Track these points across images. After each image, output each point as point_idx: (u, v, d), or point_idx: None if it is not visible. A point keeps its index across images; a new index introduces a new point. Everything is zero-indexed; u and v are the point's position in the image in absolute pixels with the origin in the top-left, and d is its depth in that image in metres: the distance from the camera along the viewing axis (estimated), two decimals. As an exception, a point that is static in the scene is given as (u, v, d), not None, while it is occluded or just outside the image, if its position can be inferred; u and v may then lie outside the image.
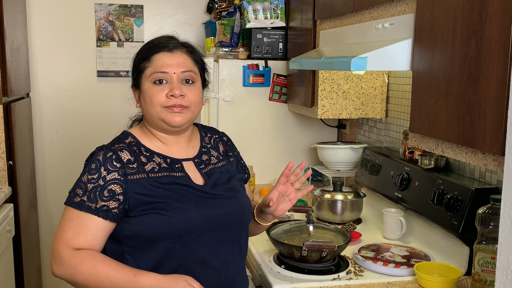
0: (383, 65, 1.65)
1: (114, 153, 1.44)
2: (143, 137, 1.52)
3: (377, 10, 1.88)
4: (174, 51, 1.50)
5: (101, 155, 1.43)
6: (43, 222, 3.53)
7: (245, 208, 1.56)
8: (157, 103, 1.46)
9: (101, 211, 1.39)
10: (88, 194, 1.39)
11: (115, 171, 1.41)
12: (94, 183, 1.40)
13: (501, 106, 1.19)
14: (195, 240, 1.43)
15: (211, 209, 1.47)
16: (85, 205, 1.38)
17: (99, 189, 1.39)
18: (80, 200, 1.39)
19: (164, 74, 1.46)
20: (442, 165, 2.06)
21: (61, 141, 3.48)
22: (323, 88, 2.49)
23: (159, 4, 3.56)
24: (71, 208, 1.40)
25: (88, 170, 1.42)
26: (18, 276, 2.88)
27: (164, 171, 1.46)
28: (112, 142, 1.50)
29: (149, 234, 1.40)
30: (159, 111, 1.46)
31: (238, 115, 2.96)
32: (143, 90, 1.49)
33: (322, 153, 2.76)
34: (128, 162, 1.44)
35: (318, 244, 1.74)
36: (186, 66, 1.49)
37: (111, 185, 1.40)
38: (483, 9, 1.25)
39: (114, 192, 1.39)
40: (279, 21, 2.89)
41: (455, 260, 1.84)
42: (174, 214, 1.40)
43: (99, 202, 1.38)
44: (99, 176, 1.40)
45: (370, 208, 2.48)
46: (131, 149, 1.47)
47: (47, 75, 3.45)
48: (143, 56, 1.51)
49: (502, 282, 1.07)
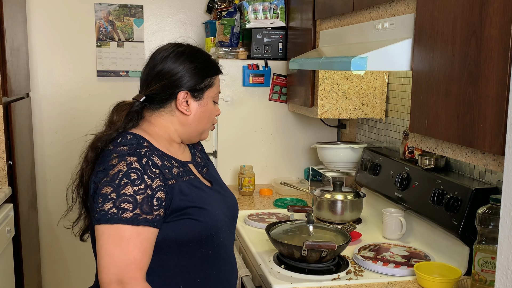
0: (383, 65, 1.65)
1: (148, 158, 1.36)
2: (153, 141, 1.45)
3: (377, 10, 1.88)
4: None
5: (136, 163, 1.33)
6: (43, 222, 3.53)
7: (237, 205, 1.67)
8: (212, 121, 1.55)
9: (156, 221, 1.32)
10: (141, 207, 1.30)
11: (157, 177, 1.35)
12: (143, 193, 1.31)
13: (501, 106, 1.19)
14: (222, 241, 1.47)
15: (226, 208, 1.53)
16: (142, 219, 1.29)
17: (149, 199, 1.31)
18: (133, 215, 1.29)
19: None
20: (442, 165, 2.06)
21: (61, 141, 3.48)
22: (323, 88, 2.49)
23: (159, 4, 3.56)
24: (125, 226, 1.28)
25: (131, 182, 1.30)
26: (18, 276, 2.88)
27: (186, 175, 1.45)
28: (131, 146, 1.39)
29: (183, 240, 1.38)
30: (207, 128, 1.55)
31: (238, 115, 2.96)
32: (205, 105, 1.51)
33: (322, 153, 2.76)
34: (163, 167, 1.39)
35: (318, 244, 1.74)
36: None
37: (157, 192, 1.33)
38: (483, 9, 1.25)
39: (161, 199, 1.34)
40: (279, 21, 2.89)
41: (455, 260, 1.84)
42: (206, 217, 1.42)
43: (153, 212, 1.32)
44: (146, 185, 1.32)
45: (370, 208, 2.48)
46: (155, 153, 1.41)
47: (47, 75, 3.46)
48: (214, 72, 1.53)
49: (502, 282, 1.07)
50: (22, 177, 3.03)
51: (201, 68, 1.49)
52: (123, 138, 1.41)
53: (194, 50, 1.52)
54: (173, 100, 1.47)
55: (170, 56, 1.47)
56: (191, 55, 1.50)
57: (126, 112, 1.46)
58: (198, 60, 1.50)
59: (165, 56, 1.47)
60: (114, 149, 1.38)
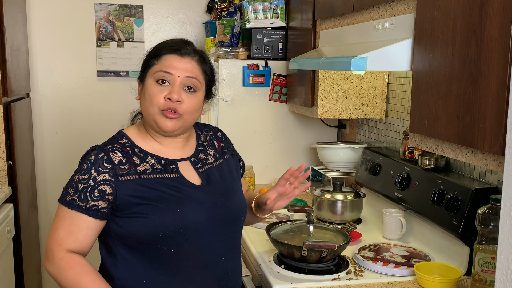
0: (383, 65, 1.65)
1: (106, 154, 1.44)
2: (138, 138, 1.51)
3: (377, 10, 1.88)
4: (185, 56, 1.48)
5: (93, 156, 1.44)
6: (43, 222, 3.53)
7: (242, 210, 1.56)
8: (156, 103, 1.44)
9: (91, 210, 1.40)
10: (79, 194, 1.40)
11: (106, 172, 1.41)
12: (84, 183, 1.41)
13: (501, 106, 1.19)
14: (191, 243, 1.42)
15: (208, 211, 1.46)
16: (76, 204, 1.40)
17: (90, 189, 1.40)
18: (71, 199, 1.41)
19: (168, 74, 1.45)
20: (442, 165, 2.06)
21: (61, 141, 3.48)
22: (323, 88, 2.49)
23: (159, 4, 3.56)
24: (63, 207, 1.42)
25: (80, 170, 1.43)
26: (18, 276, 2.88)
27: (157, 173, 1.46)
28: (106, 142, 1.50)
29: (140, 237, 1.40)
30: (155, 112, 1.45)
31: (238, 115, 2.96)
32: (145, 85, 1.48)
33: (322, 153, 2.76)
34: (120, 163, 1.43)
35: (318, 244, 1.74)
36: (192, 72, 1.48)
37: (101, 185, 1.40)
38: (483, 9, 1.25)
39: (104, 192, 1.40)
40: (279, 21, 2.89)
41: (455, 260, 1.84)
42: (164, 216, 1.39)
43: (89, 201, 1.40)
44: (90, 176, 1.41)
45: (370, 208, 2.48)
46: (124, 150, 1.46)
47: (47, 75, 3.46)
48: (155, 52, 1.50)
49: (502, 282, 1.07)
50: (22, 177, 3.03)
51: (147, 54, 1.53)
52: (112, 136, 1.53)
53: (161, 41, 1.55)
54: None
55: None
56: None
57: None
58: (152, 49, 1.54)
59: None
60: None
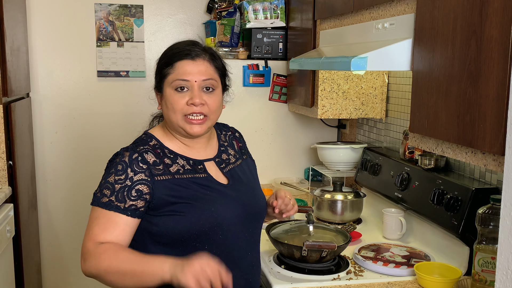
0: (383, 65, 1.65)
1: (140, 154, 1.46)
2: (165, 139, 1.55)
3: (377, 10, 1.88)
4: (196, 59, 1.52)
5: (126, 157, 1.46)
6: (43, 222, 3.53)
7: (264, 207, 1.64)
8: (178, 110, 1.49)
9: (130, 210, 1.41)
10: (116, 194, 1.41)
11: (142, 172, 1.44)
12: (121, 183, 1.42)
13: (501, 106, 1.19)
14: (224, 240, 1.48)
15: (237, 209, 1.52)
16: (114, 205, 1.41)
17: (127, 189, 1.42)
18: (108, 200, 1.41)
19: (185, 82, 1.49)
20: (442, 165, 2.06)
21: (61, 141, 3.48)
22: (323, 88, 2.49)
23: (159, 4, 3.56)
24: (99, 208, 1.42)
25: (115, 171, 1.44)
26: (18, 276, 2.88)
27: (188, 173, 1.50)
28: (135, 143, 1.52)
29: (176, 234, 1.44)
30: (179, 119, 1.49)
31: (238, 115, 2.96)
32: (165, 96, 1.52)
33: (322, 153, 2.76)
34: (154, 164, 1.47)
35: (318, 244, 1.74)
36: (207, 74, 1.52)
37: (138, 185, 1.42)
38: (483, 9, 1.25)
39: (142, 192, 1.42)
40: (279, 21, 2.89)
41: (455, 260, 1.84)
42: (201, 214, 1.44)
43: (127, 201, 1.41)
44: (126, 177, 1.43)
45: (370, 208, 2.48)
46: (155, 152, 1.50)
47: (47, 75, 3.45)
48: (167, 61, 1.53)
49: (502, 282, 1.07)
50: (22, 177, 3.03)
51: (159, 64, 1.56)
52: (140, 137, 1.56)
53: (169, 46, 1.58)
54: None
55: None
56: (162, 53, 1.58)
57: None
58: (163, 54, 1.57)
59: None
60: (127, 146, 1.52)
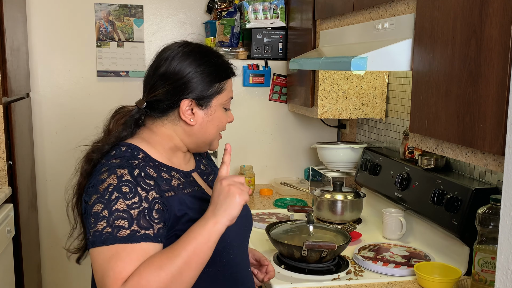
0: (383, 65, 1.65)
1: (141, 170, 1.22)
2: (152, 150, 1.31)
3: (377, 10, 1.88)
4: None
5: (127, 175, 1.19)
6: (43, 222, 3.53)
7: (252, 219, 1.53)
8: (222, 129, 1.38)
9: (159, 235, 1.17)
10: (137, 222, 1.14)
11: (152, 189, 1.20)
12: (137, 207, 1.16)
13: (501, 106, 1.19)
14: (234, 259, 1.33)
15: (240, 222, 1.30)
16: (141, 235, 1.13)
17: (147, 212, 1.16)
18: (130, 232, 1.13)
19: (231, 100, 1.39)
20: (442, 165, 2.06)
21: (61, 141, 3.48)
22: (323, 88, 2.49)
23: (159, 4, 3.56)
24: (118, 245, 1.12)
25: (122, 195, 1.16)
26: (18, 276, 2.88)
27: (187, 187, 1.31)
28: (123, 158, 1.25)
29: None
30: (215, 136, 1.38)
31: (238, 115, 2.94)
32: (212, 113, 1.34)
33: (322, 153, 2.76)
34: (159, 179, 1.24)
35: (318, 244, 1.74)
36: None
37: (155, 204, 1.19)
38: (483, 9, 1.25)
39: (161, 211, 1.20)
40: (279, 21, 2.89)
41: (455, 260, 1.84)
42: None
43: (154, 226, 1.16)
44: (140, 198, 1.17)
45: (370, 208, 2.48)
46: (150, 165, 1.26)
47: (47, 75, 3.45)
48: (224, 76, 1.35)
49: (502, 282, 1.07)
50: (22, 177, 3.03)
51: (209, 72, 1.32)
52: (117, 150, 1.28)
53: (204, 50, 1.35)
54: (177, 109, 1.31)
55: (175, 57, 1.31)
56: (199, 56, 1.32)
57: (124, 119, 1.33)
58: (207, 62, 1.32)
59: (171, 57, 1.31)
60: (105, 163, 1.25)
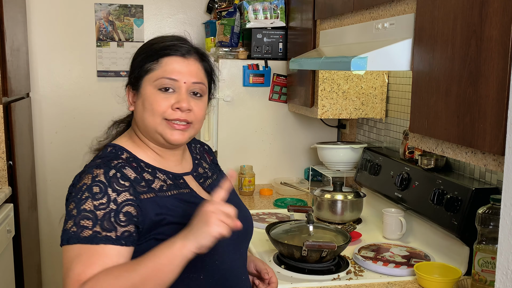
0: (383, 65, 1.65)
1: (118, 170, 1.20)
2: (137, 150, 1.31)
3: (377, 10, 1.88)
4: (187, 57, 1.30)
5: (101, 175, 1.18)
6: (43, 222, 3.53)
7: (252, 223, 1.47)
8: (159, 113, 1.26)
9: (123, 238, 1.14)
10: (101, 223, 1.13)
11: (125, 191, 1.18)
12: (104, 209, 1.15)
13: (501, 106, 1.19)
14: (220, 265, 1.28)
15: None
16: (102, 237, 1.13)
17: (113, 214, 1.15)
18: (92, 232, 1.13)
19: (173, 81, 1.27)
20: (442, 165, 2.06)
21: (61, 141, 3.48)
22: (323, 88, 2.49)
23: (159, 4, 3.56)
24: (81, 245, 1.13)
25: (91, 196, 1.16)
26: (18, 276, 2.88)
27: (172, 189, 1.28)
28: (105, 158, 1.25)
29: None
30: (158, 123, 1.27)
31: (238, 115, 2.96)
32: (143, 94, 1.29)
33: (322, 153, 2.76)
34: (136, 180, 1.22)
35: (318, 244, 1.74)
36: (198, 76, 1.31)
37: (125, 207, 1.17)
38: (483, 9, 1.25)
39: (131, 214, 1.17)
40: (279, 21, 2.89)
41: (455, 260, 1.84)
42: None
43: (118, 229, 1.14)
44: (109, 199, 1.16)
45: (370, 208, 2.48)
46: (132, 166, 1.24)
47: (47, 75, 3.46)
48: (151, 55, 1.30)
49: (502, 282, 1.07)
50: (22, 177, 3.03)
51: (144, 56, 1.31)
52: (103, 151, 1.30)
53: (154, 39, 1.36)
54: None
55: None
56: (144, 45, 1.36)
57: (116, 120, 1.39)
58: (145, 48, 1.33)
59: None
60: (90, 163, 1.26)
